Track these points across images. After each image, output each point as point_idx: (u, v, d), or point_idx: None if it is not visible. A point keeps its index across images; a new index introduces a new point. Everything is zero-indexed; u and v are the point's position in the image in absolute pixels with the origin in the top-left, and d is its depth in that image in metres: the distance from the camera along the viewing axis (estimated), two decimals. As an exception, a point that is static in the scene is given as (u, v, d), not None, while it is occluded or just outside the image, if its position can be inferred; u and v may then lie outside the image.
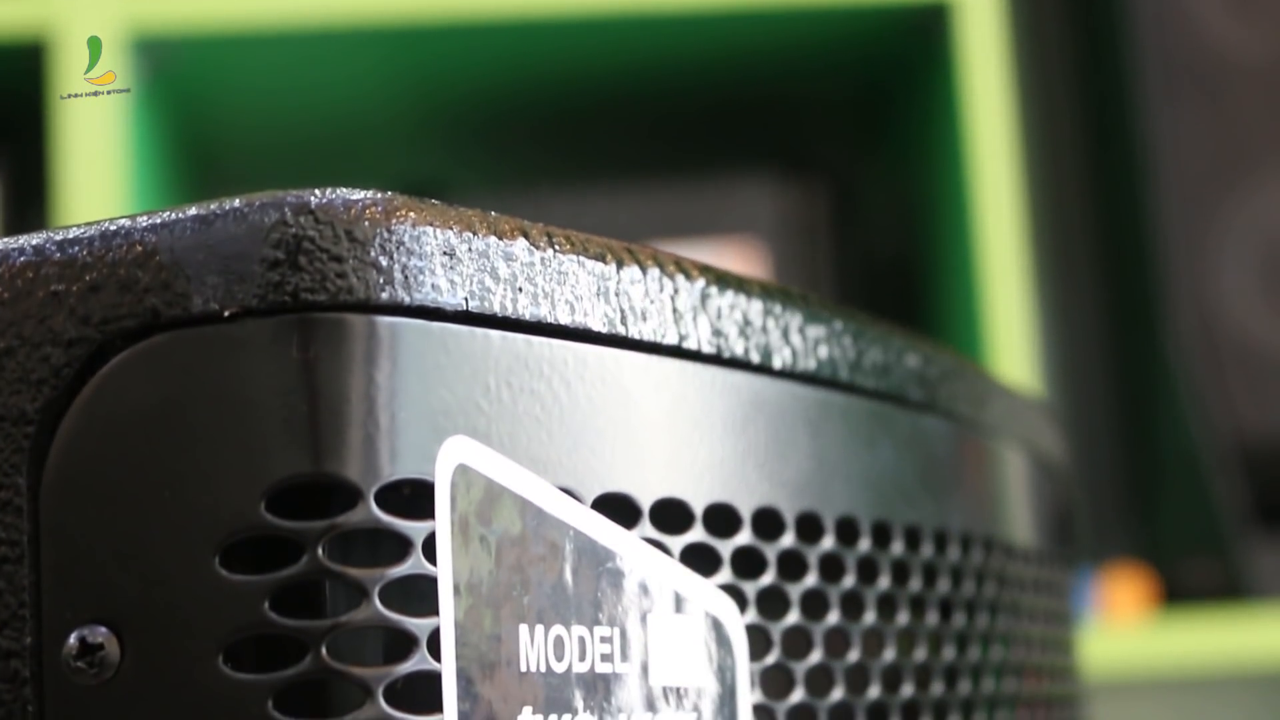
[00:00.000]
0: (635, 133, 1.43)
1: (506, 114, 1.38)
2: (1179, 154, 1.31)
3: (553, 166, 1.45)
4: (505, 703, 0.36)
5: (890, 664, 0.46)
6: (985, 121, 1.22)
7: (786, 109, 1.44)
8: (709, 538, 0.41)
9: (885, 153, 1.46)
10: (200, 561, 0.35)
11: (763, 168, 1.33)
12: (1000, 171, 1.22)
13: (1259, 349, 1.30)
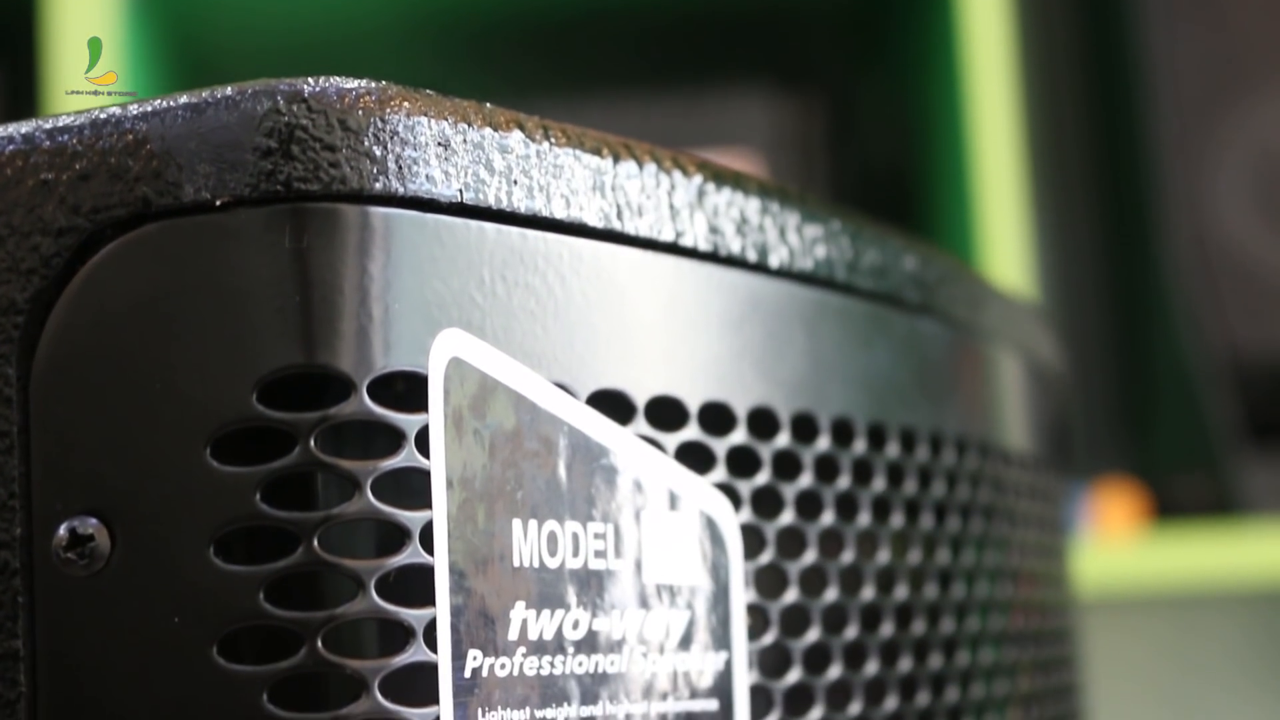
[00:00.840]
0: (630, 43, 1.42)
1: (499, 23, 1.37)
2: (1177, 69, 1.30)
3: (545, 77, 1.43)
4: (498, 597, 0.36)
5: (884, 566, 0.45)
6: (982, 35, 1.21)
7: (783, 20, 1.43)
8: (704, 436, 0.41)
9: (882, 65, 1.45)
10: (191, 453, 0.35)
11: (759, 80, 1.33)
12: (997, 85, 1.21)
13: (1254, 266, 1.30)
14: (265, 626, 0.34)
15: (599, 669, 0.38)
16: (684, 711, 0.39)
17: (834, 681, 0.43)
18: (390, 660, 0.35)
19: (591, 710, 0.37)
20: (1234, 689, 1.39)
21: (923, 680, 0.46)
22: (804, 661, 0.43)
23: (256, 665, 0.34)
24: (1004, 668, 0.51)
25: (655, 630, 0.39)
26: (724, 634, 0.41)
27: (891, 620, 0.45)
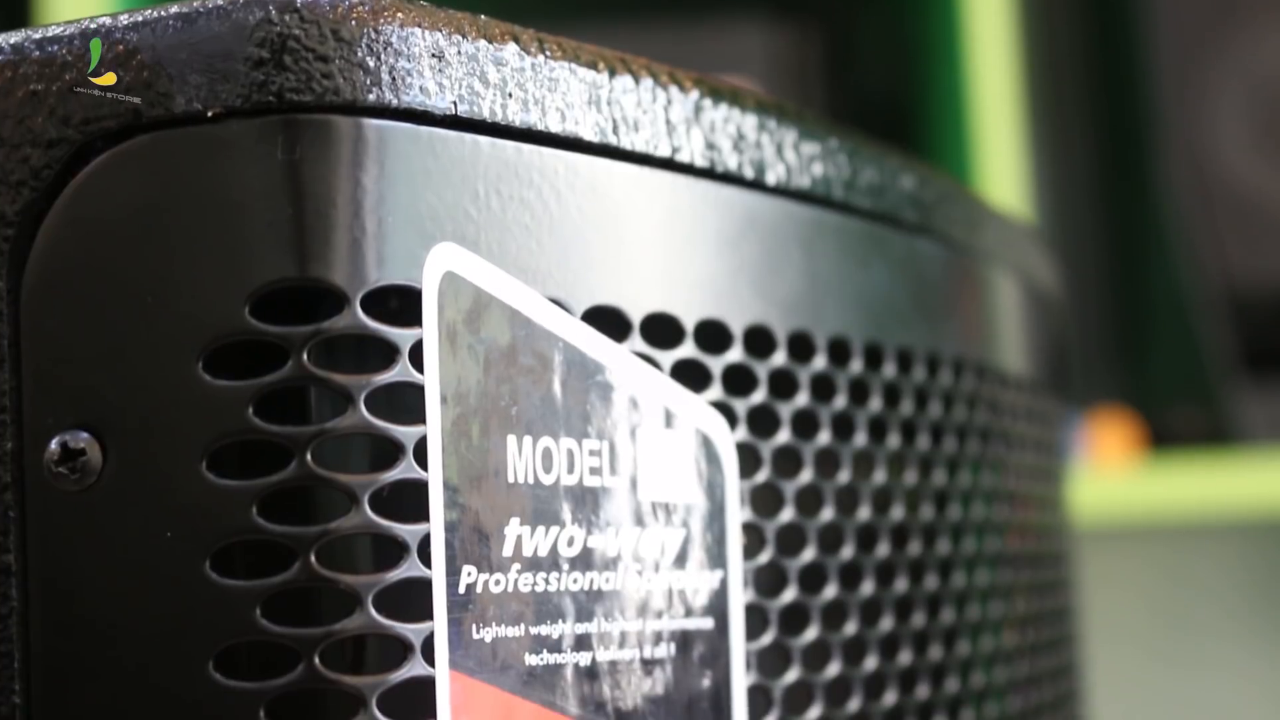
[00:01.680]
0: (626, -29, 1.41)
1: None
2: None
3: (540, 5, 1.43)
4: (492, 513, 0.36)
5: (880, 487, 0.45)
6: (981, -38, 1.20)
7: (780, -52, 1.42)
8: (700, 354, 0.41)
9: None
10: (184, 366, 0.35)
11: (755, 8, 1.32)
12: (995, 13, 1.20)
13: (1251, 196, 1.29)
14: (258, 541, 0.34)
15: (594, 586, 0.38)
16: (679, 629, 0.39)
17: (829, 602, 0.43)
18: (384, 575, 0.34)
19: (587, 627, 0.37)
20: (1228, 618, 1.40)
21: (918, 601, 0.46)
22: (799, 581, 0.42)
23: (249, 580, 0.34)
24: (1000, 589, 0.51)
25: (650, 548, 0.39)
26: (719, 552, 0.40)
27: (887, 541, 0.45)
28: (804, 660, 0.42)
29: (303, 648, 0.34)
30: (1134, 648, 1.39)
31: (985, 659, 0.49)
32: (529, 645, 0.36)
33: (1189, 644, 1.40)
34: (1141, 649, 1.40)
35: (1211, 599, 1.40)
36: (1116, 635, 1.34)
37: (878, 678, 0.44)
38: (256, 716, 0.34)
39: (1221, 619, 1.40)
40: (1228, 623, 1.40)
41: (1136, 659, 1.39)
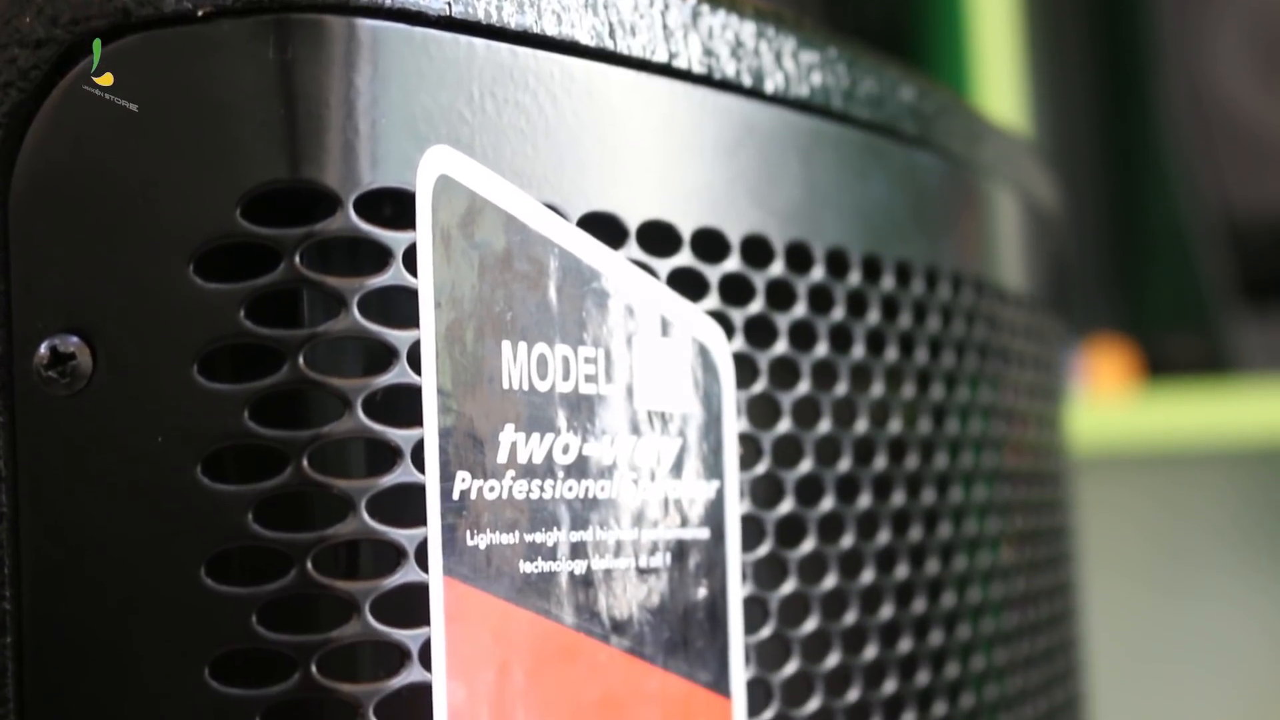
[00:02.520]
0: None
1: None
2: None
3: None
4: (487, 419, 0.36)
5: (878, 400, 0.45)
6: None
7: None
8: (697, 262, 0.40)
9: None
10: (174, 269, 0.34)
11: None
12: (995, -63, 1.19)
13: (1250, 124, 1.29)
14: (249, 446, 0.34)
15: (589, 494, 0.37)
16: (675, 539, 0.39)
17: (826, 514, 0.43)
18: (377, 480, 0.34)
19: (581, 535, 0.37)
20: (1223, 546, 1.40)
21: (916, 515, 0.46)
22: (796, 493, 0.42)
23: (240, 485, 0.34)
24: (997, 505, 0.51)
25: (646, 457, 0.39)
26: (716, 462, 0.40)
27: (884, 454, 0.45)
28: (800, 572, 0.42)
29: (295, 552, 0.34)
30: (1130, 575, 1.39)
31: (982, 574, 0.49)
32: (523, 553, 0.36)
33: (1184, 571, 1.40)
34: (1137, 576, 1.40)
35: (1207, 527, 1.40)
36: (1112, 562, 1.34)
37: (874, 591, 0.44)
38: (248, 621, 0.33)
39: (1217, 547, 1.40)
40: (1223, 551, 1.40)
41: (1132, 586, 1.39)
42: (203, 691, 0.34)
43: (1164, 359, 1.29)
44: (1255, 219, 1.29)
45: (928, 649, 0.46)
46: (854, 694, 0.43)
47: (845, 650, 0.43)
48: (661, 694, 0.38)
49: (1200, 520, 1.40)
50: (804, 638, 0.42)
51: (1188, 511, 1.40)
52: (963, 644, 0.48)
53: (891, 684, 0.44)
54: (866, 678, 0.44)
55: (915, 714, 0.45)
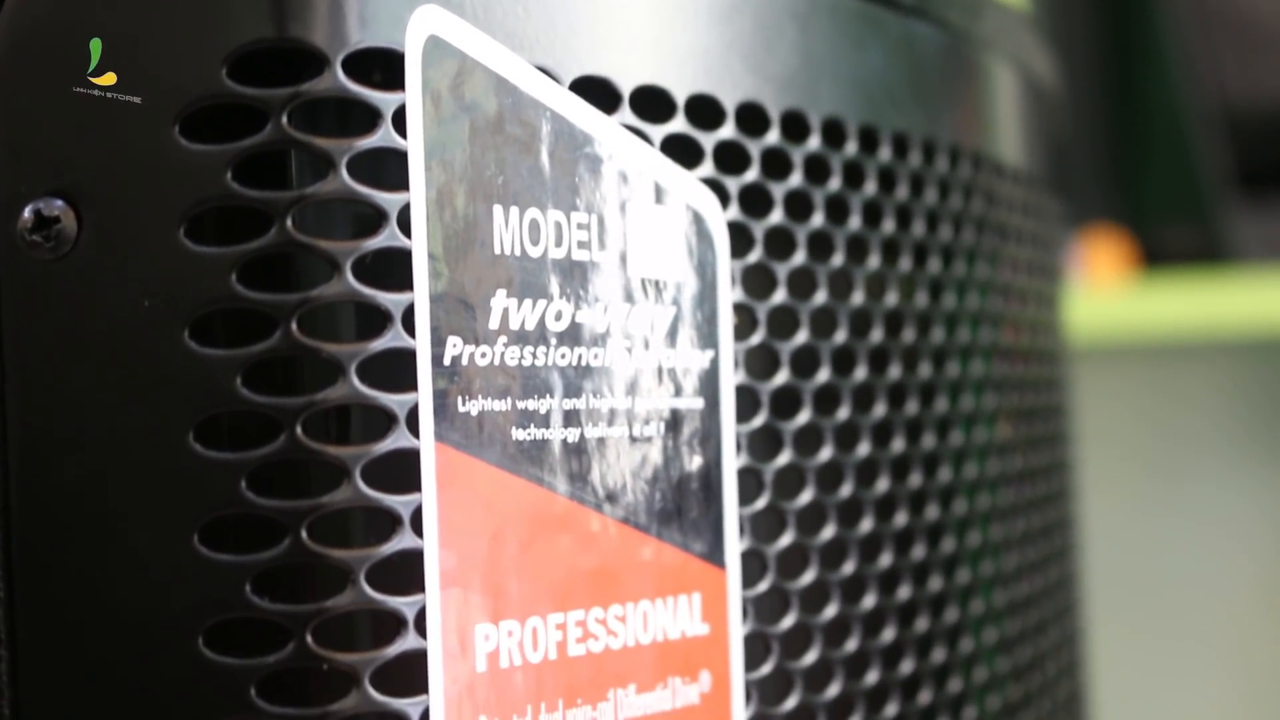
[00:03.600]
0: None
1: None
2: None
3: None
4: (478, 284, 0.35)
5: (875, 271, 0.44)
6: None
7: None
8: (691, 129, 0.40)
9: None
10: (160, 130, 0.34)
11: None
12: None
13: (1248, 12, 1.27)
14: (238, 309, 0.33)
15: (582, 362, 0.37)
16: (669, 408, 0.39)
17: (821, 386, 0.42)
18: (367, 345, 0.34)
19: (575, 403, 0.37)
20: (1219, 435, 1.40)
21: (912, 389, 0.46)
22: (791, 364, 0.42)
23: (228, 349, 0.33)
24: (994, 381, 0.50)
25: (640, 324, 0.38)
26: (710, 331, 0.40)
27: (881, 327, 0.44)
28: (795, 444, 0.42)
29: (284, 417, 0.33)
30: (1126, 464, 1.39)
31: (978, 450, 0.49)
32: (516, 419, 0.36)
33: (1180, 461, 1.40)
34: (1134, 466, 1.40)
35: (1203, 416, 1.40)
36: (1109, 453, 1.34)
37: (870, 464, 0.44)
38: (238, 486, 0.33)
39: (1213, 436, 1.40)
40: (1219, 440, 1.40)
41: (1129, 476, 1.39)
42: (191, 557, 0.33)
43: (1160, 249, 1.28)
44: (1252, 108, 1.28)
45: (923, 523, 0.46)
46: (849, 567, 0.43)
47: (841, 525, 0.43)
48: (656, 564, 0.38)
49: (1196, 410, 1.40)
50: (799, 510, 0.42)
51: (1184, 401, 1.40)
52: (958, 520, 0.47)
53: (887, 557, 0.44)
54: (862, 552, 0.43)
55: (911, 587, 0.45)
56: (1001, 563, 0.50)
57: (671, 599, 0.38)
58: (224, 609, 0.33)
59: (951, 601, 0.47)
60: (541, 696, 0.36)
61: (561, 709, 0.36)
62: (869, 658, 0.43)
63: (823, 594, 0.42)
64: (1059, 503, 0.57)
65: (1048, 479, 0.56)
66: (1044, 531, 0.55)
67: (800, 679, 0.41)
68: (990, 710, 0.49)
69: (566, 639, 0.36)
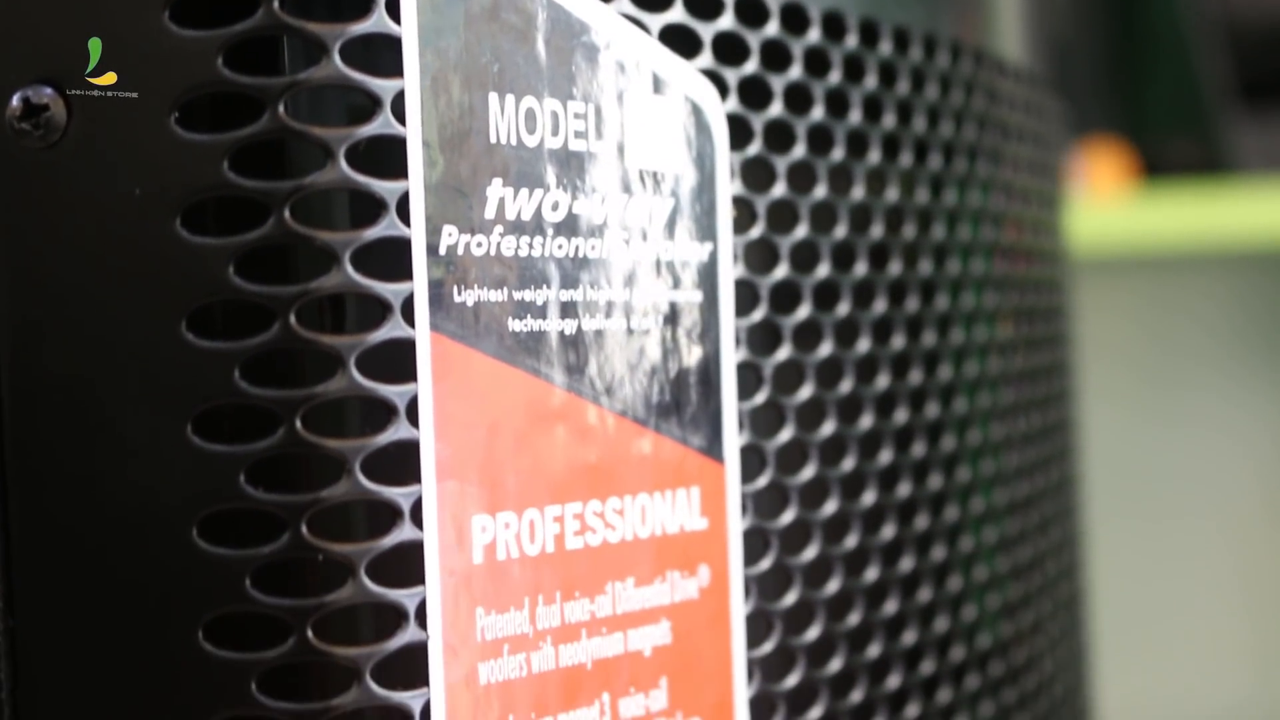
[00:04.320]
0: None
1: None
2: None
3: None
4: (474, 173, 0.35)
5: (875, 167, 0.44)
6: None
7: None
8: (689, 19, 0.39)
9: None
10: (149, 17, 0.33)
11: None
12: None
13: (1252, -78, 1.27)
14: (230, 197, 0.33)
15: (579, 253, 0.36)
16: (667, 301, 0.38)
17: (822, 280, 0.42)
18: (361, 233, 0.33)
19: (572, 294, 0.36)
20: (1219, 348, 1.40)
21: (912, 286, 0.45)
22: (791, 259, 0.41)
23: (221, 238, 0.33)
24: (994, 279, 0.50)
25: (637, 216, 0.38)
26: (709, 224, 0.39)
27: (881, 222, 0.44)
28: (795, 339, 0.41)
29: (277, 306, 0.33)
30: (1126, 376, 1.39)
31: (979, 348, 0.48)
32: (512, 310, 0.35)
33: (1180, 372, 1.40)
34: (1133, 378, 1.39)
35: (1202, 328, 1.40)
36: (1109, 364, 1.34)
37: (869, 360, 0.44)
38: (231, 376, 0.33)
39: (1212, 348, 1.40)
40: (1218, 352, 1.39)
41: (1129, 386, 1.39)
42: (184, 448, 0.33)
43: (1161, 160, 1.27)
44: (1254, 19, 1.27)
45: (923, 421, 0.45)
46: (849, 463, 0.43)
47: (840, 421, 0.42)
48: (654, 458, 0.38)
49: (1195, 321, 1.40)
50: (799, 406, 0.41)
51: (1183, 312, 1.40)
52: (958, 418, 0.47)
53: (887, 453, 0.44)
54: (862, 448, 0.43)
55: (911, 484, 0.45)
56: (1001, 461, 0.50)
57: (670, 493, 0.38)
58: (218, 500, 0.33)
59: (951, 499, 0.47)
60: (539, 589, 0.35)
61: (559, 601, 0.36)
62: (868, 554, 0.43)
63: (822, 490, 0.42)
64: (1059, 404, 0.57)
65: (1048, 380, 0.55)
66: (1044, 432, 0.54)
67: (799, 575, 0.41)
68: (990, 609, 0.49)
69: (564, 532, 0.36)
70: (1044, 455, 0.54)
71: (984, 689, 0.48)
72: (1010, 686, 0.50)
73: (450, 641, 0.34)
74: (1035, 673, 0.52)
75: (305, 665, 0.33)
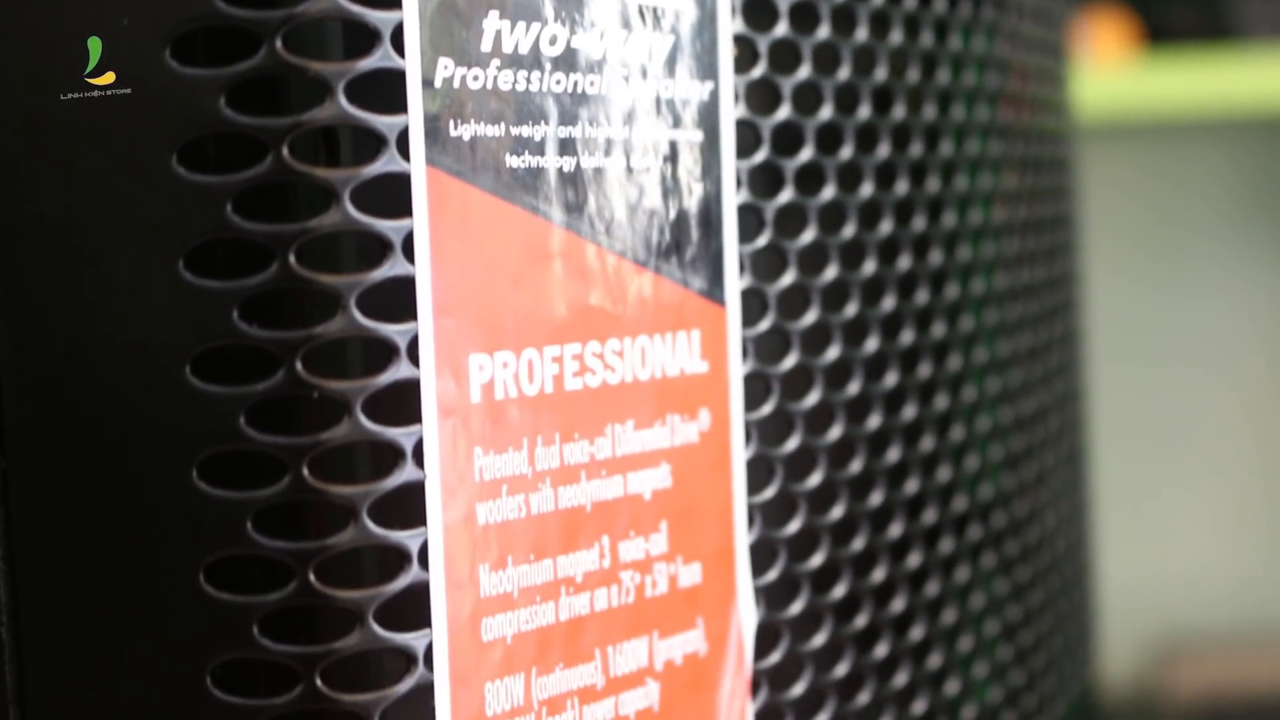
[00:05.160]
0: None
1: None
2: None
3: None
4: (470, 5, 0.34)
5: (878, 8, 0.43)
6: None
7: None
8: None
9: None
10: None
11: None
12: None
13: None
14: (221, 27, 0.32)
15: (578, 89, 0.36)
16: (668, 139, 0.37)
17: (825, 122, 0.41)
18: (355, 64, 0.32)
19: (570, 131, 0.36)
20: (1222, 214, 1.39)
21: (917, 131, 0.45)
22: (793, 99, 0.41)
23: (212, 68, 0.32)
24: (998, 128, 0.49)
25: (637, 53, 0.37)
26: (710, 62, 0.38)
27: (885, 66, 0.43)
28: (797, 182, 0.41)
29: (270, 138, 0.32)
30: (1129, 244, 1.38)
31: (984, 197, 0.48)
32: (510, 146, 0.34)
33: (1182, 238, 1.39)
34: (1136, 244, 1.39)
35: (1205, 194, 1.39)
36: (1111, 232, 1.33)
37: (873, 206, 0.43)
38: (223, 209, 0.32)
39: (1214, 214, 1.39)
40: (1220, 217, 1.39)
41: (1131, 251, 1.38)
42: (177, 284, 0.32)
43: (1164, 26, 1.26)
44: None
45: (928, 268, 0.45)
46: (851, 309, 0.42)
47: (843, 265, 0.42)
48: (654, 299, 0.37)
49: (1198, 188, 1.39)
50: (800, 249, 0.41)
51: (1187, 179, 1.39)
52: (962, 265, 0.47)
53: (890, 300, 0.43)
54: (865, 295, 0.43)
55: (914, 332, 0.44)
56: (1005, 311, 0.49)
57: (670, 335, 0.38)
58: (211, 336, 0.32)
59: (955, 348, 0.46)
60: (538, 430, 0.35)
61: (558, 443, 0.35)
62: (871, 401, 0.43)
63: (825, 335, 0.41)
64: (1063, 257, 0.56)
65: (1052, 231, 0.55)
66: (1048, 284, 0.54)
67: (801, 420, 0.41)
68: (993, 459, 0.48)
69: (563, 372, 0.36)
70: (1047, 307, 0.54)
71: (986, 540, 0.48)
72: (1012, 538, 0.50)
73: (448, 481, 0.33)
74: (1037, 526, 0.52)
75: (307, 608, 0.33)
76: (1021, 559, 0.50)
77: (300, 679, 0.33)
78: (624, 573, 0.37)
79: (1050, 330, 0.54)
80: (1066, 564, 0.56)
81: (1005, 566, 0.49)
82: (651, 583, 0.37)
